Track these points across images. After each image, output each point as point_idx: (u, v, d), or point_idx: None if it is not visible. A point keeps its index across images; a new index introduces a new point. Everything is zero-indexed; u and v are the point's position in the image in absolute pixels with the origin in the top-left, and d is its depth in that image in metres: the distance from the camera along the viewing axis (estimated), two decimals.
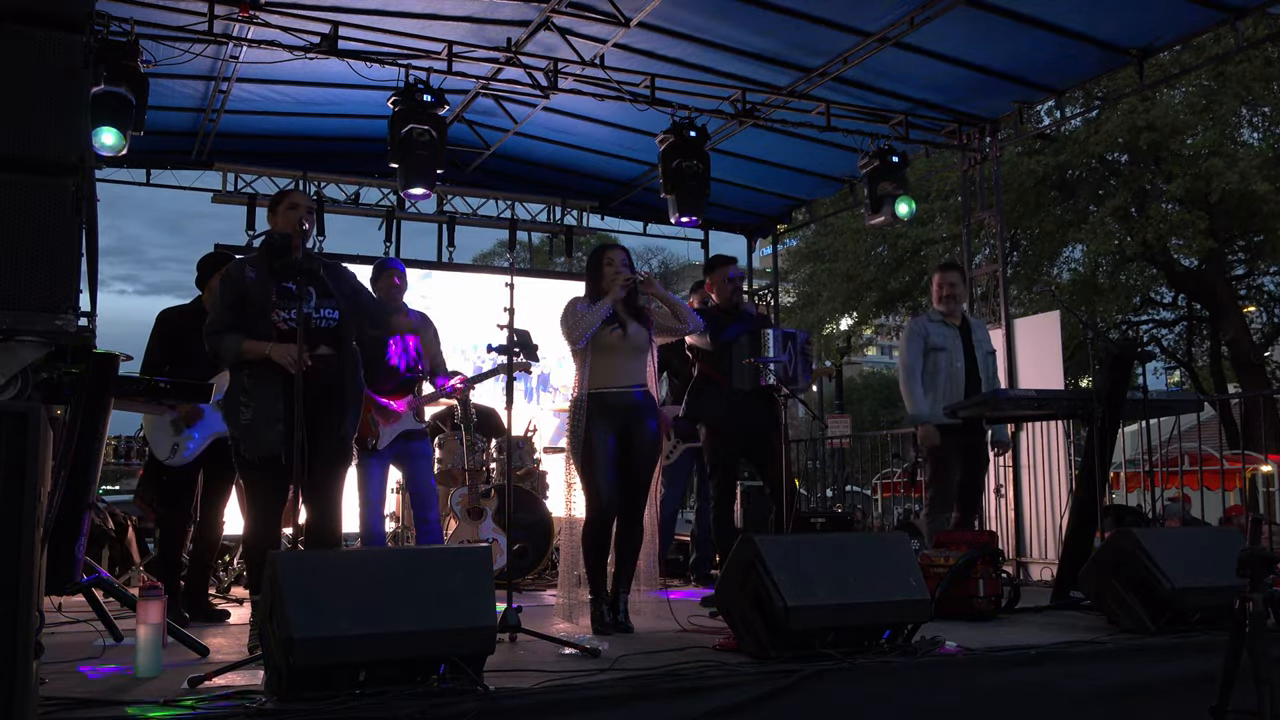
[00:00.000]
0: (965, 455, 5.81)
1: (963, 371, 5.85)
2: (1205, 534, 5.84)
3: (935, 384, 5.81)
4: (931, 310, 6.14)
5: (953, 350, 5.87)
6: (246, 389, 3.96)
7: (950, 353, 5.86)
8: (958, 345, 5.89)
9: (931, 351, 5.86)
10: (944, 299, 5.97)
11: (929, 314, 6.11)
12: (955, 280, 6.04)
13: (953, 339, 5.90)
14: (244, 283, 4.04)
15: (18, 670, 2.16)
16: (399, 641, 2.91)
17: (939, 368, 5.85)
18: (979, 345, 5.95)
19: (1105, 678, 3.66)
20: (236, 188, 9.01)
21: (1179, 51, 11.80)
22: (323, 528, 4.02)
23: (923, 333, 5.92)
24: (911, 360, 5.86)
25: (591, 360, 4.56)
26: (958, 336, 5.92)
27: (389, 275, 5.56)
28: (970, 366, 5.88)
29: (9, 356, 2.56)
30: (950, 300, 5.97)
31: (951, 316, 5.98)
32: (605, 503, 4.48)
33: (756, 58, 7.29)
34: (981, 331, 6.10)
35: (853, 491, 12.37)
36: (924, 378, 5.82)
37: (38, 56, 2.63)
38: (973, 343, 5.93)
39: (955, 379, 5.83)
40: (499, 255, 26.77)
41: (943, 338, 5.89)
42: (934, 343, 5.87)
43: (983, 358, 5.93)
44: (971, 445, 5.80)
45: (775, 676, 3.16)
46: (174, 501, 5.13)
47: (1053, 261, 18.20)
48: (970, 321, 6.06)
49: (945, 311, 5.97)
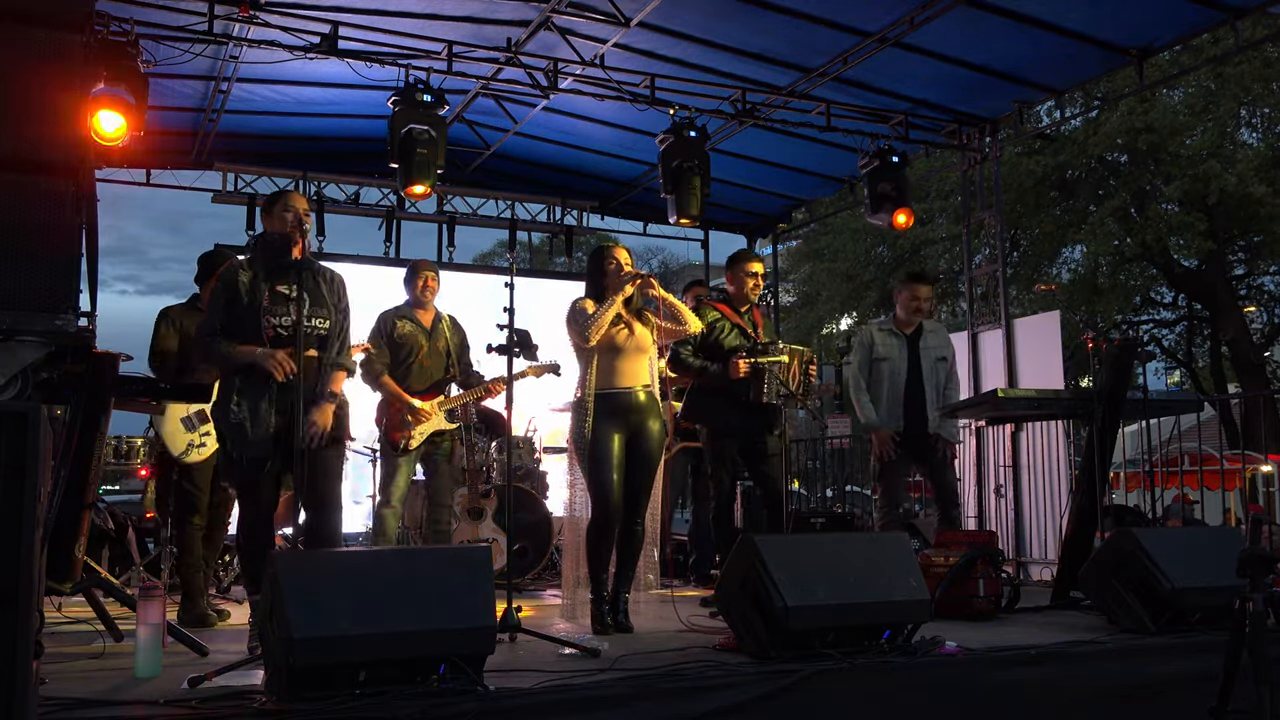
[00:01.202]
0: (918, 458, 5.90)
1: (903, 380, 5.90)
2: (1205, 534, 5.84)
3: (879, 394, 5.90)
4: (884, 318, 6.17)
5: (895, 359, 5.93)
6: (238, 390, 3.97)
7: (893, 361, 5.93)
8: (902, 354, 5.94)
9: (875, 361, 5.95)
10: (913, 312, 6.02)
11: (879, 322, 6.18)
12: (926, 295, 6.09)
13: (898, 348, 5.95)
14: (237, 286, 4.04)
15: (18, 670, 2.16)
16: (399, 641, 2.91)
17: (881, 377, 5.92)
18: (927, 353, 5.97)
19: (1105, 678, 3.66)
20: (236, 188, 9.01)
21: (1179, 52, 11.82)
22: (321, 528, 4.02)
23: (868, 343, 6.01)
24: (857, 371, 5.99)
25: (598, 360, 4.56)
26: (904, 345, 5.97)
27: (421, 276, 5.59)
28: (913, 374, 5.91)
29: (9, 356, 2.56)
30: (916, 314, 6.02)
31: (905, 325, 6.02)
32: (613, 503, 4.48)
33: (756, 58, 7.28)
34: (936, 338, 6.08)
35: (853, 491, 12.36)
36: (870, 387, 5.92)
37: (38, 56, 2.63)
38: (919, 350, 5.96)
39: (895, 387, 5.89)
40: (499, 255, 26.76)
41: (887, 347, 5.96)
42: (878, 353, 5.95)
43: (930, 365, 5.95)
44: (920, 448, 5.86)
45: (775, 676, 3.17)
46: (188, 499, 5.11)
47: (1053, 261, 18.21)
48: (925, 328, 6.06)
49: (902, 320, 6.03)
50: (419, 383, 5.45)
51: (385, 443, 5.42)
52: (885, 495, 5.95)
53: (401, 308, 5.59)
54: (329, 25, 6.54)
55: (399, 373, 5.42)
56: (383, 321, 5.50)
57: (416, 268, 5.69)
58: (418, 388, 5.43)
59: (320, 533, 4.00)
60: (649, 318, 4.69)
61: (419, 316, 5.56)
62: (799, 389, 5.34)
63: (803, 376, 5.36)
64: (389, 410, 5.40)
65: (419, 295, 5.56)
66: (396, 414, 5.37)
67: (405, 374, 5.44)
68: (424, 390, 5.45)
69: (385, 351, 5.43)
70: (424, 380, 5.47)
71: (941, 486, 5.94)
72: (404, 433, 5.35)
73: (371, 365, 5.40)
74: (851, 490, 12.30)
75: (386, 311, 5.55)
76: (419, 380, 5.45)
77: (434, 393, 5.48)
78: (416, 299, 5.57)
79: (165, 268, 72.84)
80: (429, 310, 5.60)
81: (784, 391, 5.23)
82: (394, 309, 5.57)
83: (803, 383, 5.37)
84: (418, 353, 5.48)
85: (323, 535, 4.01)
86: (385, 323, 5.49)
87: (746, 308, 5.46)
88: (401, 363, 5.45)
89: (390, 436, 5.37)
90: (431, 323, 5.58)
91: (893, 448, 5.77)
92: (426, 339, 5.52)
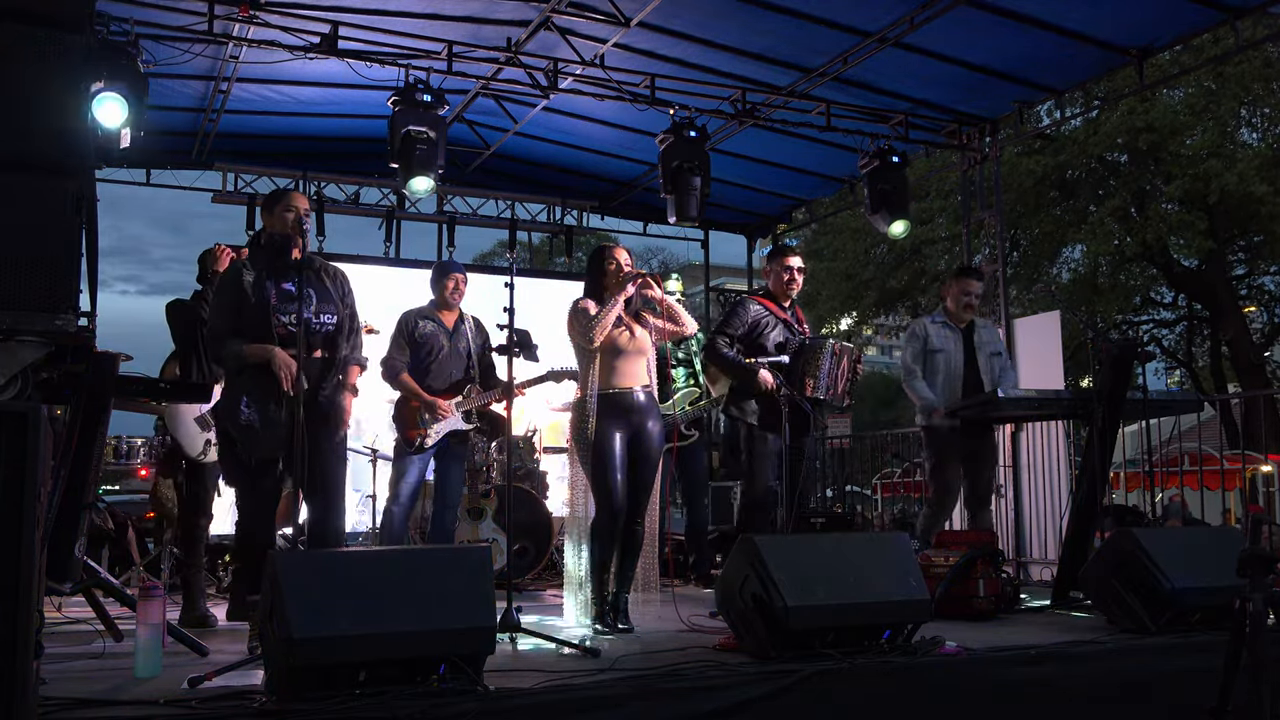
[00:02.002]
0: (966, 457, 5.81)
1: (961, 373, 5.85)
2: (1205, 534, 5.85)
3: (934, 385, 5.83)
4: (935, 312, 6.13)
5: (951, 351, 5.88)
6: (247, 391, 3.96)
7: (948, 353, 5.87)
8: (958, 347, 5.90)
9: (930, 353, 5.88)
10: (964, 307, 5.97)
11: (932, 315, 6.12)
12: (978, 290, 6.05)
13: (954, 341, 5.91)
14: (242, 286, 4.03)
15: (18, 670, 2.16)
16: (399, 641, 2.91)
17: (937, 369, 5.86)
18: (982, 347, 5.93)
19: (1105, 678, 3.66)
20: (236, 188, 9.01)
21: (1179, 52, 11.80)
22: (324, 527, 4.02)
23: (922, 334, 5.95)
24: (911, 361, 5.92)
25: (600, 361, 4.57)
26: (959, 339, 5.92)
27: (450, 278, 5.59)
28: (970, 368, 5.87)
29: (9, 356, 2.56)
30: (968, 310, 5.98)
31: (957, 319, 5.98)
32: (618, 502, 4.49)
33: (756, 58, 7.28)
34: (988, 333, 6.08)
35: (853, 491, 12.36)
36: (925, 377, 5.86)
37: (38, 56, 2.63)
38: (974, 345, 5.92)
39: (952, 379, 5.83)
40: (499, 255, 26.73)
41: (942, 339, 5.90)
42: (933, 344, 5.89)
43: (985, 360, 5.92)
44: (973, 448, 5.80)
45: (775, 676, 3.16)
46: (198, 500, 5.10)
47: (1053, 261, 18.21)
48: (977, 323, 6.04)
49: (954, 314, 5.98)
50: (438, 382, 5.47)
51: (400, 440, 5.43)
52: (938, 495, 5.84)
53: (425, 308, 5.60)
54: (329, 25, 6.54)
55: (418, 371, 5.44)
56: (405, 320, 5.52)
57: (445, 269, 5.71)
58: (437, 387, 5.45)
59: (322, 531, 4.01)
60: (647, 319, 4.70)
61: (442, 317, 5.57)
62: (846, 387, 5.23)
63: (850, 374, 5.27)
64: (406, 407, 5.42)
65: (446, 297, 5.56)
66: (413, 412, 5.39)
67: (425, 373, 5.45)
68: (443, 390, 5.47)
69: (405, 350, 5.46)
70: (443, 380, 5.49)
71: (982, 484, 5.87)
72: (420, 431, 5.36)
73: (392, 363, 5.43)
74: (851, 490, 12.30)
75: (409, 311, 5.57)
76: (438, 379, 5.47)
77: (452, 393, 5.49)
78: (443, 300, 5.57)
79: (167, 268, 72.89)
80: (453, 311, 5.61)
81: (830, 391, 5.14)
82: (417, 309, 5.59)
83: (850, 380, 5.26)
84: (438, 353, 5.50)
85: (325, 533, 4.01)
86: (408, 322, 5.51)
87: (789, 303, 5.37)
88: (421, 362, 5.47)
89: (406, 434, 5.39)
90: (454, 324, 5.59)
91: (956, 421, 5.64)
92: (448, 339, 5.53)
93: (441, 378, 5.49)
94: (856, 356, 5.32)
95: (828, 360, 5.12)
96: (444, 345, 5.51)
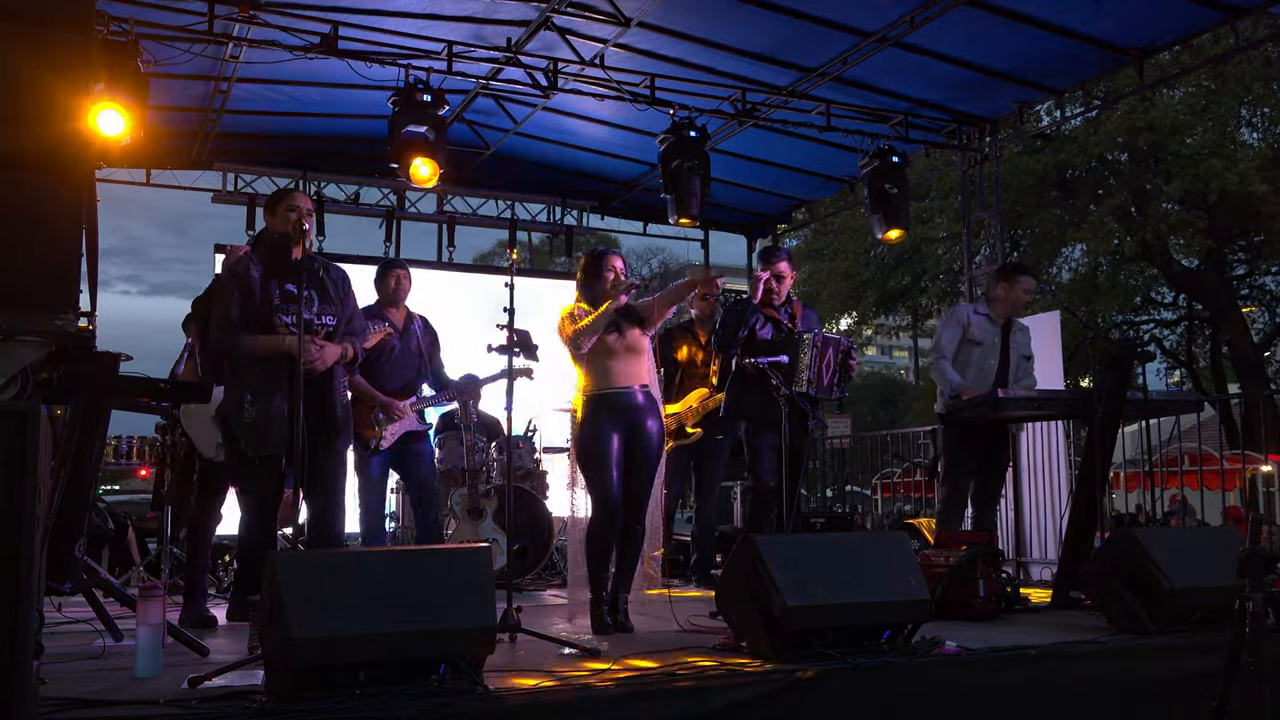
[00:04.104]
0: (980, 457, 5.78)
1: (994, 370, 5.77)
2: (1205, 534, 5.84)
3: (964, 375, 5.73)
4: (979, 303, 6.06)
5: (989, 345, 5.79)
6: (250, 388, 3.96)
7: (986, 347, 5.78)
8: (996, 342, 5.81)
9: (967, 343, 5.78)
10: (1021, 305, 5.91)
11: (976, 305, 6.04)
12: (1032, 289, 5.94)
13: (994, 335, 5.81)
14: (249, 280, 4.03)
15: (18, 670, 2.16)
16: (399, 641, 2.91)
17: (970, 360, 5.77)
18: (1015, 348, 5.85)
19: (1105, 678, 3.66)
20: (236, 188, 9.02)
21: (1179, 51, 11.79)
22: (325, 524, 4.02)
23: (964, 321, 5.83)
24: (946, 345, 5.79)
25: (593, 364, 4.56)
26: (999, 334, 5.83)
27: (392, 275, 5.61)
28: (1003, 366, 5.80)
29: (9, 356, 2.56)
30: (1025, 308, 5.94)
31: (1000, 316, 5.88)
32: (614, 503, 4.48)
33: (756, 58, 7.28)
34: (1023, 335, 5.98)
35: (853, 491, 12.37)
36: (955, 365, 5.75)
37: (37, 56, 2.63)
38: (1009, 344, 5.83)
39: (985, 373, 5.75)
40: (499, 255, 26.76)
41: (983, 332, 5.80)
42: (973, 335, 5.79)
43: (1017, 361, 5.85)
44: (988, 449, 5.78)
45: (775, 676, 3.16)
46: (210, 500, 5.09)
47: (1053, 261, 18.21)
48: (1015, 323, 5.95)
49: (1000, 311, 5.87)
50: (391, 383, 5.47)
51: (355, 440, 5.41)
52: (950, 496, 5.78)
53: (372, 307, 5.57)
54: (329, 25, 6.54)
55: (370, 371, 5.40)
56: None
57: (387, 266, 5.74)
58: (391, 388, 5.45)
59: (323, 529, 4.01)
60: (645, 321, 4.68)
61: (391, 315, 5.56)
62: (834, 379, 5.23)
63: (838, 366, 5.25)
64: (358, 406, 5.37)
65: (391, 294, 5.57)
66: (366, 412, 5.37)
67: (377, 373, 5.44)
68: (396, 390, 5.46)
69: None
70: (397, 380, 5.49)
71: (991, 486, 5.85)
72: (374, 430, 5.34)
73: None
74: (851, 490, 12.30)
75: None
76: (392, 380, 5.47)
77: (405, 392, 5.48)
78: (389, 298, 5.58)
79: (168, 268, 72.91)
80: (400, 310, 5.61)
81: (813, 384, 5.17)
82: (364, 308, 5.57)
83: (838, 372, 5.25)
84: (390, 353, 5.49)
85: (325, 532, 4.01)
86: None
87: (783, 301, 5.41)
88: (373, 362, 5.44)
89: (360, 433, 5.35)
90: (404, 322, 5.58)
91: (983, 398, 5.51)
92: (400, 339, 5.52)
93: (395, 378, 5.49)
94: (846, 349, 5.32)
95: (808, 353, 5.17)
96: (396, 345, 5.51)
